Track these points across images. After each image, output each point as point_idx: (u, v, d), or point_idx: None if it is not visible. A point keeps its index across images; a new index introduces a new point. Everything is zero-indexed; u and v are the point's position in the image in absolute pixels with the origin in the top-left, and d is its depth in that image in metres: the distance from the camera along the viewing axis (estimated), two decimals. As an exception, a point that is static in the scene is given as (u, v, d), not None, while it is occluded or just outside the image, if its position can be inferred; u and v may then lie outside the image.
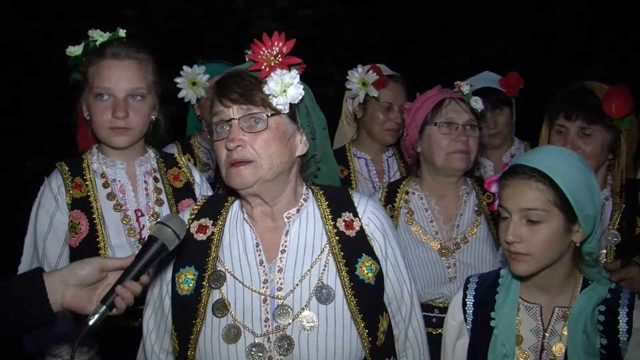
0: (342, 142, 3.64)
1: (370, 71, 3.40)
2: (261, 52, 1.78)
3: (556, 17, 6.76)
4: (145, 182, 2.46)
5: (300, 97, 1.77)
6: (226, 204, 1.93)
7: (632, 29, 6.31)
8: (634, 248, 2.54)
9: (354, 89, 3.43)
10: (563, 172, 1.82)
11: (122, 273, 1.62)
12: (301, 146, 1.84)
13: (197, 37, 6.02)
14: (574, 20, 6.65)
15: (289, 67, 1.78)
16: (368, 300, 1.80)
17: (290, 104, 1.77)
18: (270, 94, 1.75)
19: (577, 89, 2.62)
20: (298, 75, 1.77)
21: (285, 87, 1.74)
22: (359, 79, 3.41)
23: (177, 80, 3.52)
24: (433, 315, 2.58)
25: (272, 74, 1.75)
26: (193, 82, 3.52)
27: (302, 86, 1.77)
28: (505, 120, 3.44)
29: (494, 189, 1.96)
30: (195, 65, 3.56)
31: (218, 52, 3.71)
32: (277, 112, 1.77)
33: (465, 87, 2.76)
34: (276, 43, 1.78)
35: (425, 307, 2.53)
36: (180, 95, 3.53)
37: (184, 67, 3.54)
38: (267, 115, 1.76)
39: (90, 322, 1.58)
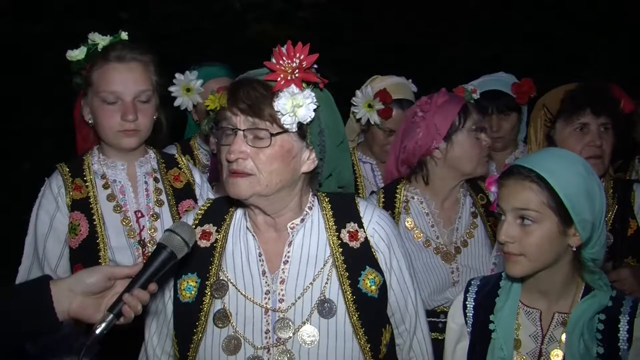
0: (349, 137, 3.63)
1: (378, 99, 3.37)
2: (281, 62, 1.71)
3: (555, 19, 6.77)
4: (146, 182, 2.45)
5: (309, 119, 1.71)
6: (230, 210, 1.91)
7: (631, 29, 6.32)
8: (626, 249, 2.55)
9: (359, 113, 3.41)
10: (560, 175, 1.80)
11: (130, 281, 1.60)
12: (308, 163, 1.78)
13: (193, 39, 6.01)
14: (574, 21, 6.66)
15: (304, 84, 1.72)
16: (371, 313, 1.78)
17: (300, 122, 1.71)
18: (278, 111, 1.69)
19: (599, 85, 2.66)
20: (311, 95, 1.70)
21: (295, 107, 1.68)
22: (365, 101, 3.39)
23: (171, 89, 3.43)
24: (439, 321, 2.56)
25: (285, 89, 1.69)
26: (187, 88, 3.44)
27: (314, 107, 1.70)
28: (511, 125, 3.39)
29: (493, 188, 1.96)
30: (187, 72, 3.49)
31: (215, 54, 3.69)
32: (283, 131, 1.72)
33: (475, 95, 2.78)
34: (298, 55, 1.70)
35: (431, 312, 2.54)
36: (176, 103, 3.45)
37: (177, 75, 3.46)
38: (271, 134, 1.70)
39: (97, 331, 1.56)
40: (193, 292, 1.81)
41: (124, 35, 2.42)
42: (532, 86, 3.34)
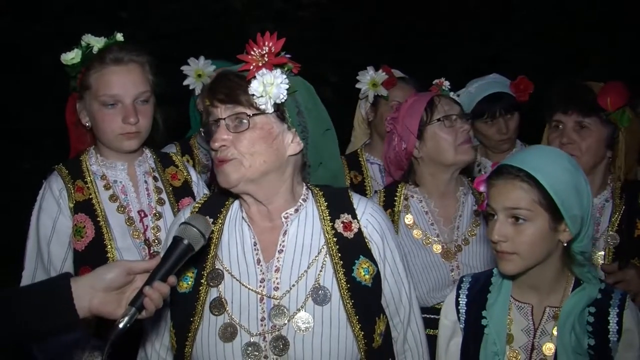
0: (352, 148, 3.67)
1: (380, 71, 3.44)
2: (252, 52, 1.80)
3: (555, 19, 6.77)
4: (146, 182, 2.45)
5: (282, 96, 1.77)
6: (227, 202, 1.95)
7: (631, 29, 6.32)
8: (633, 250, 2.54)
9: (363, 90, 3.47)
10: (548, 173, 1.82)
11: (150, 275, 1.62)
12: (293, 146, 1.84)
13: (194, 39, 6.01)
14: (574, 21, 6.65)
15: (276, 67, 1.79)
16: (364, 302, 1.80)
17: (276, 103, 1.78)
18: (253, 94, 1.77)
19: (572, 83, 2.66)
20: (282, 75, 1.77)
21: (267, 86, 1.75)
22: (369, 80, 3.45)
23: (184, 68, 3.52)
24: (439, 317, 2.56)
25: (255, 74, 1.77)
26: (199, 74, 3.51)
27: (286, 86, 1.77)
28: (516, 124, 3.39)
29: (482, 188, 1.97)
30: (202, 57, 3.56)
31: (215, 54, 3.70)
32: (261, 112, 1.78)
33: (445, 84, 2.81)
34: (267, 43, 1.79)
35: (431, 310, 2.54)
36: (185, 82, 3.52)
37: (191, 58, 3.54)
38: (248, 115, 1.78)
39: (121, 325, 1.57)
40: (190, 283, 1.85)
41: (119, 36, 2.40)
42: (529, 83, 3.36)
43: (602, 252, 2.55)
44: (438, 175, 2.70)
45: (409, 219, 2.69)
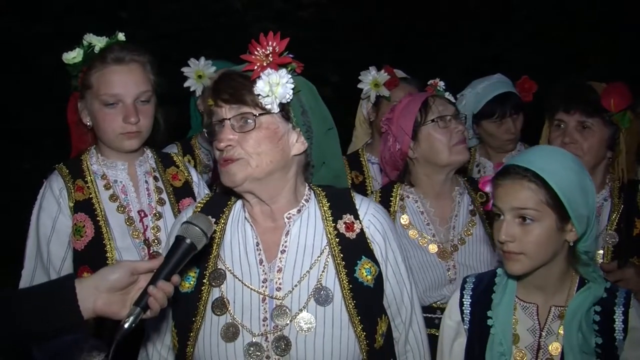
0: (354, 148, 3.68)
1: (382, 71, 3.45)
2: (256, 52, 1.80)
3: (555, 19, 6.77)
4: (146, 182, 2.45)
5: (288, 96, 1.77)
6: (229, 202, 1.95)
7: (631, 29, 6.32)
8: (632, 249, 2.55)
9: (365, 90, 3.48)
10: (555, 173, 1.83)
11: (153, 274, 1.62)
12: (297, 145, 1.84)
13: (194, 39, 6.01)
14: (574, 21, 6.66)
15: (280, 67, 1.79)
16: (366, 302, 1.81)
17: (281, 103, 1.78)
18: (259, 94, 1.77)
19: (576, 83, 2.66)
20: (287, 75, 1.77)
21: (273, 86, 1.75)
22: (372, 80, 3.46)
23: (184, 69, 3.51)
24: (435, 317, 2.56)
25: (261, 74, 1.77)
26: (199, 75, 3.51)
27: (291, 85, 1.77)
28: (521, 124, 3.41)
29: (488, 188, 1.98)
30: (203, 58, 3.56)
31: (215, 54, 3.71)
32: (266, 112, 1.78)
33: (440, 84, 2.81)
34: (270, 42, 1.80)
35: (428, 309, 2.54)
36: (186, 84, 3.51)
37: (192, 59, 3.54)
38: (254, 115, 1.77)
39: (126, 325, 1.57)
40: (192, 283, 1.85)
41: (121, 36, 2.40)
42: (532, 83, 3.38)
43: (601, 251, 2.56)
44: (433, 175, 2.71)
45: (404, 219, 2.69)
